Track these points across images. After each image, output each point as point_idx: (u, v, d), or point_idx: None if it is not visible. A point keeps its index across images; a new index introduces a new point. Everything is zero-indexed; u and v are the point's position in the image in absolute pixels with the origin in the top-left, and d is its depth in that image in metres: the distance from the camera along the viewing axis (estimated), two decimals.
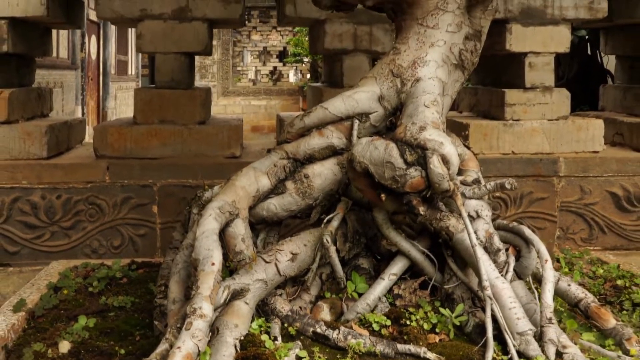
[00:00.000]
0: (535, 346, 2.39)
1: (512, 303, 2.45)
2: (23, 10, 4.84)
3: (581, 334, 2.62)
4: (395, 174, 2.60)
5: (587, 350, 2.45)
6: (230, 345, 2.37)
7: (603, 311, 2.67)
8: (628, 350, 2.50)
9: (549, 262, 2.63)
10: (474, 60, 3.25)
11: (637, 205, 4.98)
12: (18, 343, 2.90)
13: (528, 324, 2.43)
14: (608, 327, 2.62)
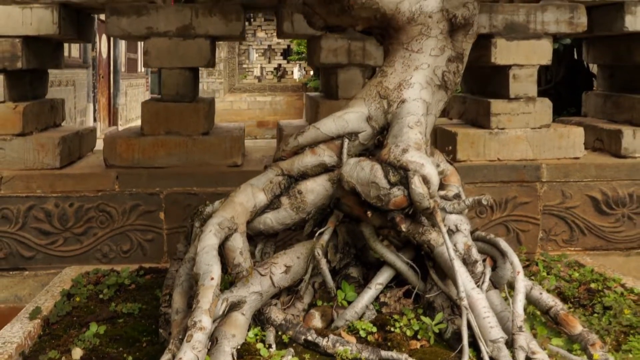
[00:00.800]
0: (506, 353, 2.61)
1: (486, 312, 2.69)
2: (36, 29, 5.05)
3: (551, 339, 2.84)
4: (380, 193, 2.84)
5: (554, 355, 2.68)
6: (228, 354, 2.59)
7: (571, 318, 2.90)
8: (592, 355, 2.71)
9: (521, 274, 2.86)
10: (456, 81, 3.47)
11: (615, 208, 5.20)
12: (34, 350, 3.12)
13: (500, 332, 2.66)
14: (575, 332, 2.85)
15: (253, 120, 22.91)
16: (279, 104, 22.71)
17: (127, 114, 24.08)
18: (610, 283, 3.76)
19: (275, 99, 22.71)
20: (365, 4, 3.36)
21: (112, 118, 21.59)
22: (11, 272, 5.05)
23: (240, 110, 22.54)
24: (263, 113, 22.71)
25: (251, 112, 22.96)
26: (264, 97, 22.61)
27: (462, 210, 3.09)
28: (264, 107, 22.80)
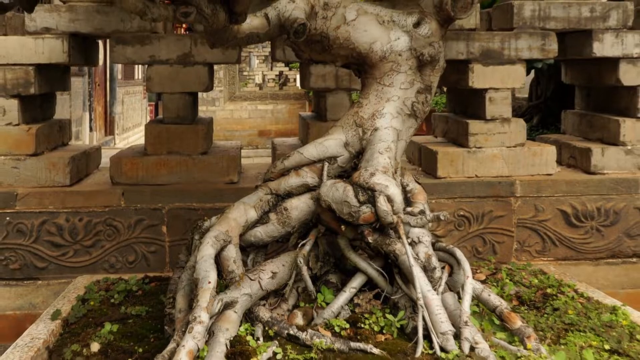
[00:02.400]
0: (453, 343, 3.01)
1: (438, 310, 3.10)
2: (47, 58, 5.33)
3: (495, 333, 3.25)
4: (351, 210, 3.26)
5: (496, 345, 3.09)
6: (222, 344, 2.96)
7: (512, 315, 3.31)
8: (526, 345, 3.12)
9: (470, 278, 3.28)
10: (425, 110, 3.87)
11: (584, 221, 5.48)
12: (57, 345, 3.49)
13: (449, 326, 3.06)
14: (515, 327, 3.25)
15: (254, 129, 22.78)
16: (280, 113, 22.66)
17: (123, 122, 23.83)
18: (564, 288, 4.12)
19: (277, 107, 22.72)
20: (343, 45, 3.77)
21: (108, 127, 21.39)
22: (25, 281, 5.27)
23: (241, 119, 22.45)
24: (264, 122, 22.73)
25: (252, 120, 22.78)
26: (265, 106, 22.65)
27: (424, 225, 3.50)
28: (266, 116, 22.82)
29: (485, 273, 4.39)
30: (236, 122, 22.14)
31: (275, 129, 22.67)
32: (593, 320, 3.56)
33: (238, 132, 22.33)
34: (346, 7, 3.83)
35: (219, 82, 22.35)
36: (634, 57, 5.67)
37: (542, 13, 5.64)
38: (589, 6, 5.66)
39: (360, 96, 3.87)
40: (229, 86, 24.05)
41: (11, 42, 5.22)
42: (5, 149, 5.28)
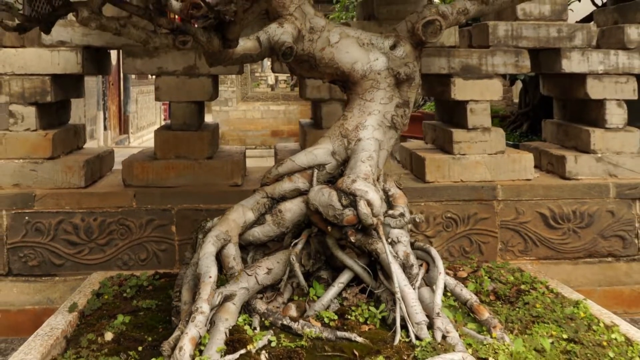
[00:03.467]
0: (427, 332, 3.39)
1: (414, 303, 3.48)
2: (63, 69, 5.74)
3: (466, 324, 3.65)
4: (335, 213, 3.64)
5: (465, 334, 3.48)
6: (222, 333, 3.34)
7: (481, 307, 3.69)
8: (492, 333, 3.51)
9: (442, 274, 3.67)
10: (404, 122, 4.25)
11: (561, 223, 5.87)
12: (74, 334, 3.86)
13: (423, 317, 3.44)
14: (483, 318, 3.63)
15: (267, 130, 22.94)
16: (292, 113, 22.83)
17: (137, 121, 24.16)
18: (537, 285, 4.49)
19: (289, 107, 22.88)
20: (328, 64, 4.17)
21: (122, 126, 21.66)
22: (43, 277, 5.62)
23: (253, 119, 22.56)
24: (277, 122, 22.88)
25: (265, 121, 22.89)
26: (277, 106, 22.78)
27: (403, 226, 3.89)
28: (278, 116, 22.96)
29: (467, 271, 4.76)
30: (249, 122, 22.34)
31: (287, 129, 22.86)
32: (557, 313, 3.95)
33: (251, 132, 22.61)
34: (330, 31, 4.23)
35: (231, 82, 22.54)
36: (599, 73, 6.14)
37: (514, 33, 6.11)
38: (556, 27, 6.14)
39: (346, 110, 4.27)
40: (242, 87, 24.18)
41: (29, 53, 5.63)
42: (24, 153, 5.67)
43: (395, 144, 4.29)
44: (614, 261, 5.96)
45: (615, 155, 6.12)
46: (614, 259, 5.97)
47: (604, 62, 6.17)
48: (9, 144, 5.68)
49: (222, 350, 3.24)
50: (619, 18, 6.68)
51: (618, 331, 3.74)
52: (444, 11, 4.38)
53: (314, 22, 4.24)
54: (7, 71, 5.64)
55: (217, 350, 3.22)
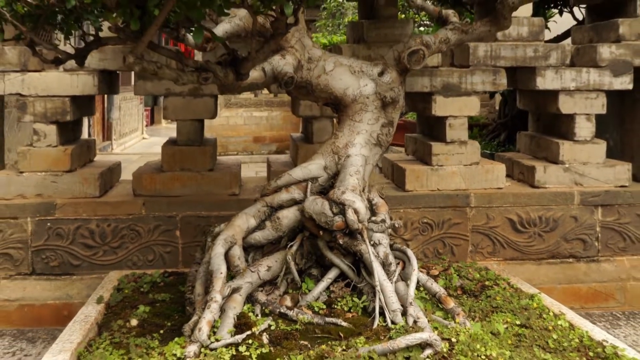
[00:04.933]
0: (401, 318, 4.02)
1: (391, 294, 4.11)
2: (81, 90, 6.24)
3: (434, 312, 4.31)
4: (327, 219, 4.29)
5: (433, 320, 4.12)
6: (231, 318, 3.94)
7: (447, 298, 4.35)
8: (455, 320, 4.17)
9: (416, 271, 4.32)
10: (388, 140, 4.90)
11: (527, 227, 6.43)
12: (104, 321, 4.45)
13: (398, 306, 4.06)
14: (449, 307, 4.28)
15: (249, 136, 22.99)
16: (275, 119, 22.88)
17: (120, 128, 24.19)
18: (499, 281, 5.10)
19: (272, 114, 22.93)
20: (323, 89, 4.82)
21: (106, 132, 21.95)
22: (63, 276, 6.13)
23: (236, 126, 22.48)
24: (259, 128, 22.89)
25: (247, 127, 22.79)
26: (260, 112, 22.79)
27: (383, 230, 4.55)
28: (261, 122, 22.97)
29: (439, 269, 5.35)
30: (232, 128, 22.40)
31: (269, 135, 23.04)
32: (513, 304, 4.59)
33: (233, 139, 22.76)
34: (326, 60, 4.88)
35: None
36: (571, 89, 6.64)
37: (493, 53, 6.62)
38: (532, 47, 6.65)
39: (337, 129, 4.90)
40: None
41: (50, 77, 6.16)
42: (46, 166, 6.21)
43: (379, 158, 4.94)
44: (575, 262, 6.54)
45: (582, 166, 6.67)
46: (574, 259, 6.54)
47: (576, 80, 6.68)
48: (33, 158, 6.21)
49: (232, 332, 3.86)
50: (594, 36, 7.16)
51: (564, 319, 4.37)
52: (428, 41, 5.01)
53: (312, 53, 4.89)
54: (31, 93, 6.17)
55: (227, 331, 3.84)
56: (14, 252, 6.10)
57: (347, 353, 3.65)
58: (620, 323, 5.92)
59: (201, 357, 3.66)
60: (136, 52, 3.64)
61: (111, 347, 3.97)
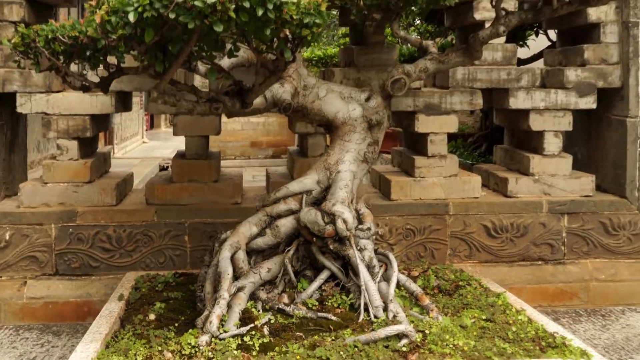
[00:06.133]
0: (382, 313, 4.63)
1: (374, 293, 4.74)
2: (99, 110, 6.81)
3: (412, 308, 4.97)
4: (319, 228, 4.95)
5: (410, 315, 4.76)
6: (237, 313, 4.55)
7: (423, 296, 4.99)
8: (429, 315, 4.84)
9: (396, 273, 4.94)
10: (374, 157, 5.55)
11: (500, 233, 7.03)
12: (125, 316, 5.03)
13: (380, 303, 4.67)
14: (424, 304, 4.91)
15: (246, 141, 23.30)
16: (271, 125, 23.28)
17: (122, 132, 24.71)
18: (472, 282, 5.68)
19: (269, 120, 23.25)
20: (317, 113, 5.49)
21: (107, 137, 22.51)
22: (83, 277, 6.68)
23: (234, 131, 22.82)
24: (256, 134, 23.32)
25: (245, 132, 23.16)
26: (257, 118, 22.97)
27: (369, 237, 5.21)
28: (257, 128, 23.36)
29: (419, 271, 5.96)
30: (229, 133, 22.56)
31: (266, 140, 23.43)
32: (481, 302, 5.22)
33: (231, 143, 23.10)
34: (319, 87, 5.55)
35: None
36: (541, 109, 7.24)
37: (470, 76, 7.21)
38: (506, 71, 7.27)
39: (329, 148, 5.57)
40: None
41: (73, 97, 6.71)
42: (68, 178, 6.80)
43: (366, 173, 5.63)
44: (543, 264, 7.15)
45: (550, 177, 7.27)
46: (543, 262, 7.15)
47: (545, 100, 7.26)
48: (56, 170, 6.81)
49: (238, 325, 4.48)
50: (563, 59, 7.69)
51: (524, 314, 5.00)
52: (409, 70, 5.62)
53: (307, 81, 5.55)
54: (55, 112, 6.76)
55: (234, 324, 4.47)
56: (39, 254, 6.69)
57: (335, 342, 4.28)
58: (582, 319, 6.59)
59: (212, 345, 4.26)
60: (159, 88, 4.33)
61: (134, 337, 4.56)
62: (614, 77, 7.36)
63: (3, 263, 6.67)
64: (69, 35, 4.14)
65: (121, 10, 3.71)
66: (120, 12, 3.72)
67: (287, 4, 3.74)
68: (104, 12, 3.78)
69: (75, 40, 4.14)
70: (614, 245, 7.28)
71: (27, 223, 6.70)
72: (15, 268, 6.71)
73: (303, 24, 3.88)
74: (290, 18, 3.81)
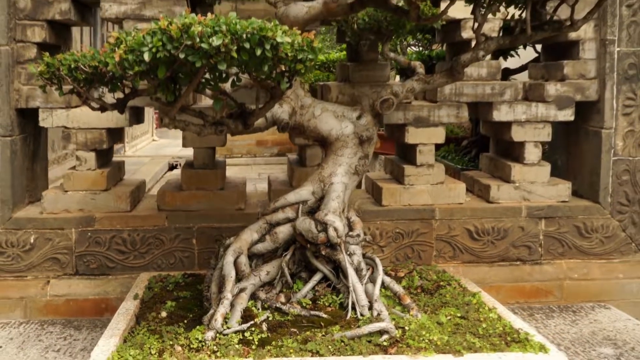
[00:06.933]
0: (367, 311, 5.10)
1: (361, 293, 5.21)
2: (115, 124, 7.29)
3: (394, 307, 5.44)
4: (313, 235, 5.37)
5: (392, 313, 5.22)
6: (239, 311, 4.74)
7: (405, 296, 5.43)
8: (410, 313, 5.31)
9: (381, 275, 5.38)
10: (364, 169, 5.96)
11: (482, 236, 7.52)
12: (140, 313, 5.43)
13: (366, 302, 5.14)
14: (405, 303, 5.36)
15: (252, 139, 23.27)
16: None
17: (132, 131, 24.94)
18: (452, 282, 6.11)
19: None
20: (313, 130, 5.95)
21: None
22: (101, 276, 7.07)
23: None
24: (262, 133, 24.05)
25: None
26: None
27: (358, 243, 5.72)
28: None
29: (405, 272, 6.43)
30: None
31: (272, 139, 23.55)
32: (458, 300, 5.64)
33: (238, 142, 23.21)
34: (314, 107, 6.02)
35: None
36: (522, 121, 7.72)
37: (457, 90, 7.68)
38: (490, 86, 7.74)
39: (323, 162, 5.98)
40: None
41: (90, 113, 6.96)
42: (86, 186, 7.31)
43: (357, 184, 6.19)
44: (521, 264, 7.64)
45: (529, 184, 7.75)
46: (521, 262, 7.63)
47: (526, 112, 7.71)
48: (76, 180, 7.33)
49: (239, 322, 4.74)
50: (545, 73, 8.10)
51: (495, 312, 5.44)
52: (396, 91, 6.03)
53: (304, 101, 6.01)
54: (74, 126, 7.25)
55: (236, 321, 4.86)
56: (61, 256, 7.12)
57: (325, 338, 4.77)
58: (555, 315, 7.16)
59: (217, 340, 4.73)
60: (170, 115, 4.95)
61: (148, 333, 5.03)
62: (591, 91, 7.84)
63: (28, 264, 7.10)
64: (90, 64, 4.62)
65: (137, 50, 4.23)
66: (137, 51, 4.24)
67: (283, 44, 4.27)
68: (122, 51, 4.33)
69: (95, 69, 4.61)
70: (587, 247, 7.80)
71: (50, 228, 7.10)
72: (39, 268, 7.14)
73: (297, 59, 4.39)
74: (286, 55, 4.31)
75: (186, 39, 4.08)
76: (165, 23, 4.11)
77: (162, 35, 4.10)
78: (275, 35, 4.21)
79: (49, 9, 7.36)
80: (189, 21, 4.09)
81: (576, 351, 6.14)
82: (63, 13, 7.38)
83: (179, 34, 4.08)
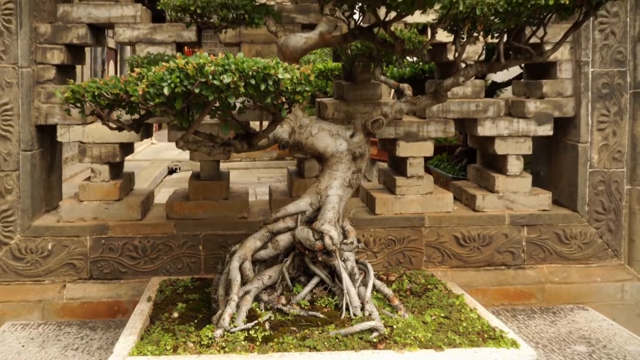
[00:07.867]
0: (360, 312, 5.50)
1: (354, 295, 5.65)
2: (127, 138, 7.70)
3: (384, 308, 5.93)
4: (311, 243, 5.80)
5: (382, 313, 5.65)
6: (244, 312, 5.03)
7: (394, 298, 5.85)
8: (397, 313, 5.79)
9: (372, 279, 5.80)
10: (358, 182, 6.45)
11: (469, 242, 7.96)
12: (153, 314, 5.79)
13: (359, 303, 5.55)
14: (394, 304, 5.81)
15: None
16: None
17: None
18: (439, 285, 6.53)
19: None
20: (310, 148, 6.48)
21: None
22: (113, 280, 7.39)
23: None
24: None
25: None
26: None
27: (351, 250, 6.20)
28: None
29: (395, 276, 6.88)
30: None
31: None
32: (443, 302, 6.09)
33: None
34: (312, 126, 6.55)
35: None
36: (504, 135, 8.19)
37: (444, 108, 8.12)
38: (475, 103, 8.20)
39: (320, 175, 6.44)
40: None
41: (105, 129, 7.35)
42: (100, 196, 7.77)
43: (350, 195, 6.72)
44: (505, 269, 8.06)
45: (512, 194, 8.20)
46: (505, 267, 7.88)
47: (508, 128, 8.15)
48: (90, 190, 7.79)
49: (245, 321, 5.08)
50: (527, 91, 8.54)
51: (475, 312, 5.89)
52: (386, 112, 6.47)
53: (302, 121, 6.49)
54: (89, 141, 7.72)
55: (242, 321, 5.07)
56: (76, 262, 7.46)
57: (322, 335, 5.23)
58: (536, 316, 7.64)
59: (225, 337, 5.17)
60: (185, 139, 5.52)
61: (162, 331, 5.45)
62: (568, 108, 8.33)
63: (46, 269, 7.44)
64: (112, 92, 5.15)
65: (158, 84, 4.81)
66: (157, 86, 4.81)
67: (284, 79, 4.86)
68: (145, 85, 4.91)
69: (116, 95, 5.13)
70: (567, 253, 8.27)
71: (66, 235, 7.45)
72: (56, 273, 7.48)
73: (296, 92, 4.97)
74: (286, 89, 4.86)
75: (200, 76, 4.63)
76: (182, 62, 4.67)
77: (179, 72, 4.65)
78: (277, 72, 4.75)
79: (67, 33, 7.88)
80: (203, 61, 4.65)
81: (552, 349, 6.63)
82: (80, 37, 7.90)
83: (194, 72, 4.63)
